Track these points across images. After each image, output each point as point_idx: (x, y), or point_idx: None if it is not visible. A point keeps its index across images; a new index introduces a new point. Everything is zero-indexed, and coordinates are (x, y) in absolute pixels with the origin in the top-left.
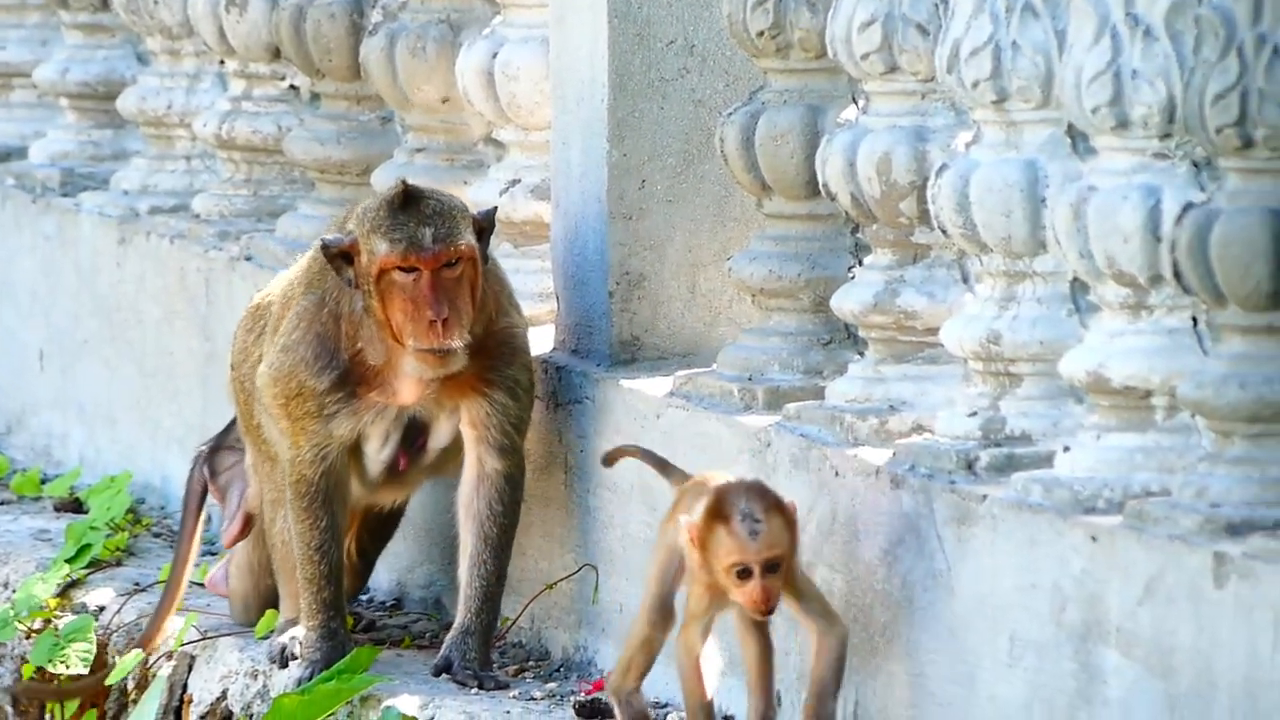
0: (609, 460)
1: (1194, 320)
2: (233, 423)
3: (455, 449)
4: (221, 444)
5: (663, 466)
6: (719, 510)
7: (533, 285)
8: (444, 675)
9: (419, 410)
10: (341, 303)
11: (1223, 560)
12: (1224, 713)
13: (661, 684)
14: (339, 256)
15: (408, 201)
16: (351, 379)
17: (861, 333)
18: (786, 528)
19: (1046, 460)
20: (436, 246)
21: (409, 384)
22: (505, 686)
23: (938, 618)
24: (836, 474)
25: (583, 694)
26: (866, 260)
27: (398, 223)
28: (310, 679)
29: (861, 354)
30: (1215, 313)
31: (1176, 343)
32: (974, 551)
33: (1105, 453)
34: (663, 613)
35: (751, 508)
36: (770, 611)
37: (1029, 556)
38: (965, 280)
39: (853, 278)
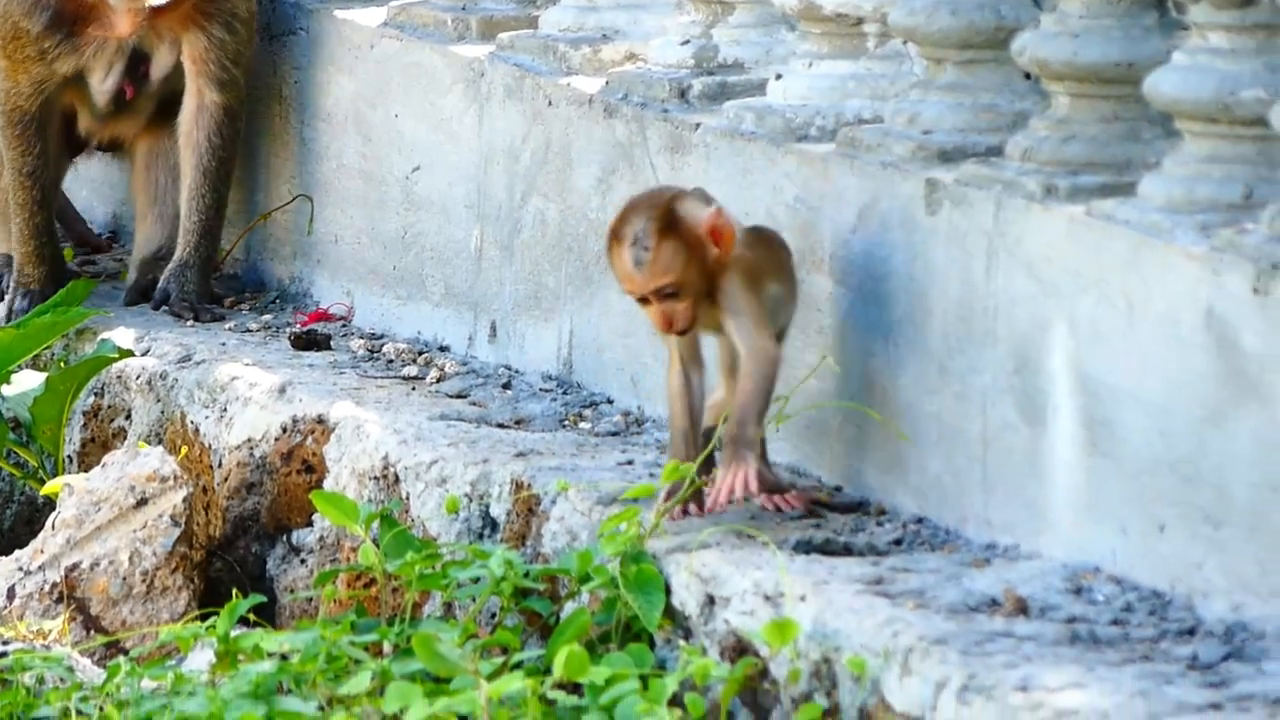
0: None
1: None
2: None
3: (179, 76)
4: None
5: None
6: (616, 232)
7: None
8: (162, 308)
9: (139, 41)
10: None
11: (935, 187)
12: (938, 338)
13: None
14: None
15: None
16: (67, 17)
17: None
18: (683, 250)
19: (759, 88)
20: None
21: (123, 16)
22: (222, 319)
23: None
24: (550, 103)
25: (298, 325)
26: None
27: None
28: (28, 310)
29: None
30: None
31: None
32: (687, 179)
33: (817, 80)
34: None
35: (642, 231)
36: (678, 332)
37: (742, 184)
38: None
39: None
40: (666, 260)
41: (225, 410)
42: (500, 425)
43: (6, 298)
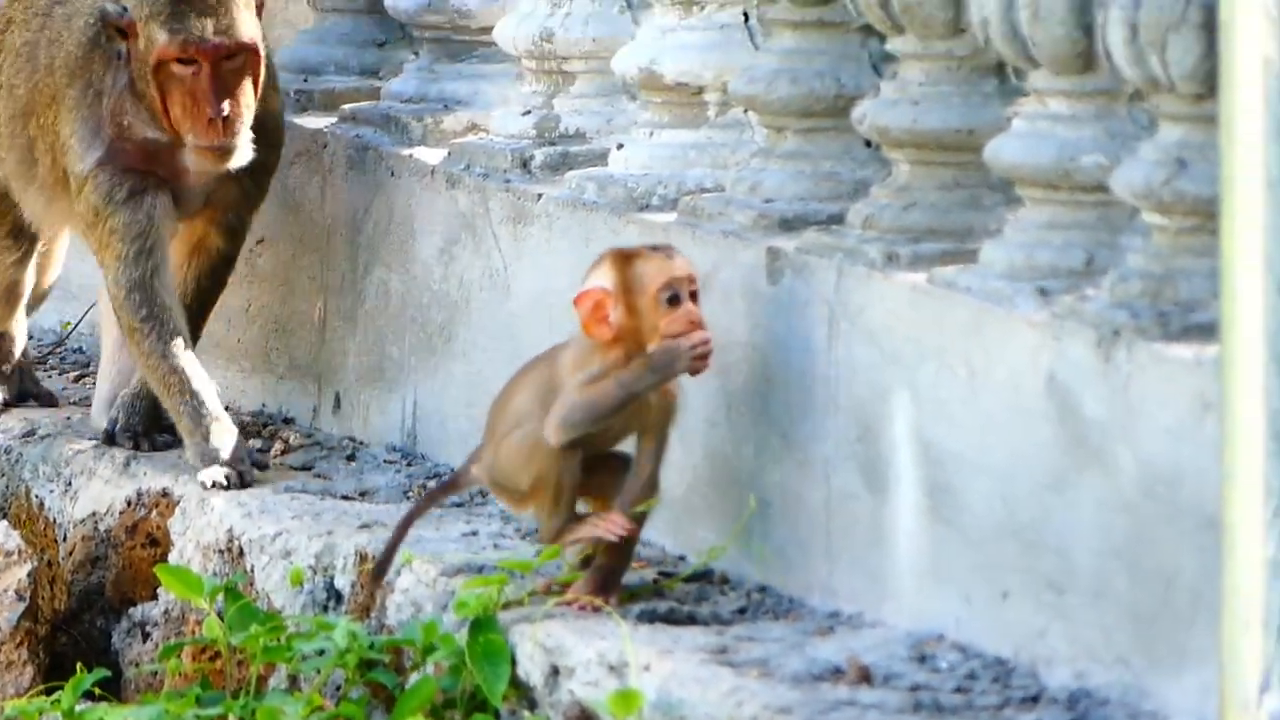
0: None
1: (745, 15)
2: None
3: None
4: None
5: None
6: (626, 255)
7: None
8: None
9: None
10: (105, 82)
11: (777, 255)
12: (781, 407)
13: None
14: (116, 30)
15: None
16: (124, 156)
17: (416, 33)
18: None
19: (601, 158)
20: (218, 39)
21: (187, 174)
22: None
23: (494, 317)
24: (392, 174)
25: None
26: None
27: (178, 11)
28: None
29: (416, 54)
30: (766, 7)
31: (728, 38)
32: (530, 250)
33: (659, 150)
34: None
35: (655, 245)
36: (706, 339)
37: (584, 254)
38: None
39: None
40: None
41: (70, 484)
42: (345, 497)
43: (201, 479)
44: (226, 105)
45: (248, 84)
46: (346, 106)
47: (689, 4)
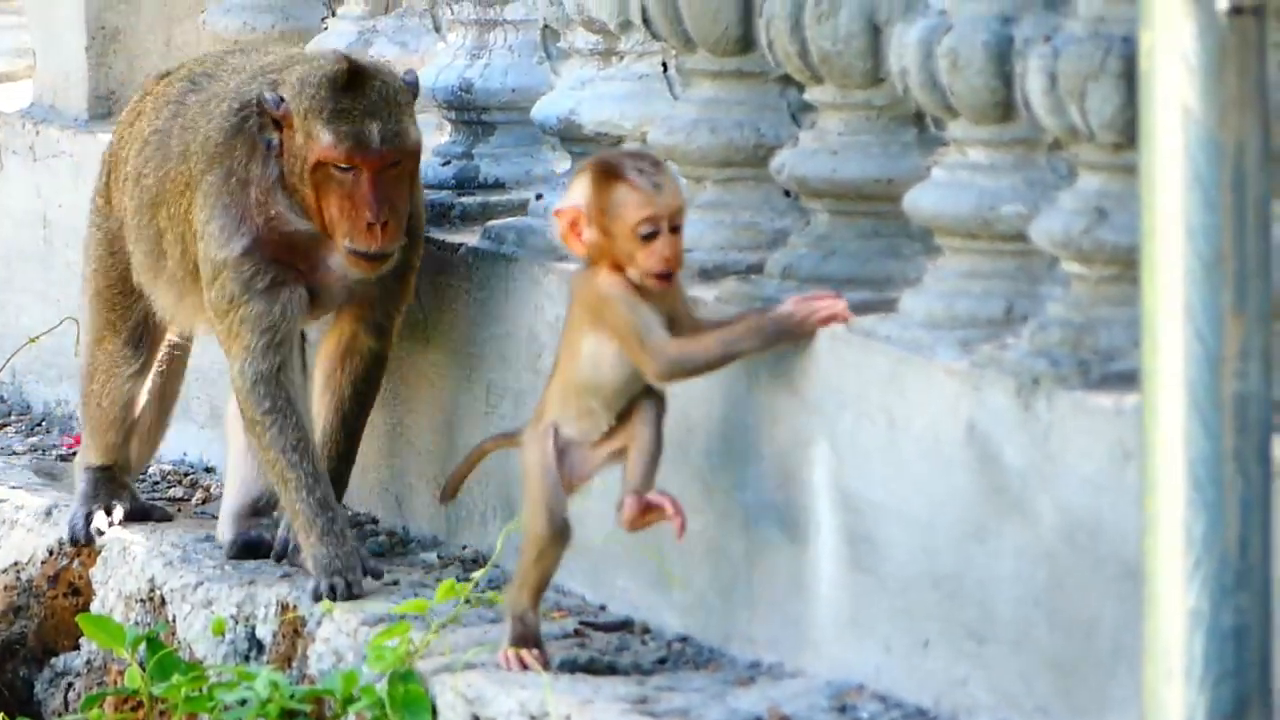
0: (450, 492)
1: (664, 65)
2: None
3: None
4: None
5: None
6: (608, 173)
7: (9, 41)
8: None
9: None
10: (252, 170)
11: (695, 304)
12: (701, 455)
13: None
14: (270, 120)
15: (351, 81)
16: (269, 247)
17: None
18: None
19: (521, 208)
20: (384, 147)
21: (331, 275)
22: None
23: (416, 368)
24: None
25: (64, 447)
26: (340, 10)
27: (341, 110)
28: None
29: None
30: (684, 57)
31: (647, 88)
32: (450, 301)
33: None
34: (556, 518)
35: (644, 164)
36: (677, 268)
37: (506, 305)
38: (437, 29)
39: (325, 28)
40: (677, 187)
41: None
42: None
43: (310, 587)
44: (385, 212)
45: (405, 189)
46: None
47: (608, 54)
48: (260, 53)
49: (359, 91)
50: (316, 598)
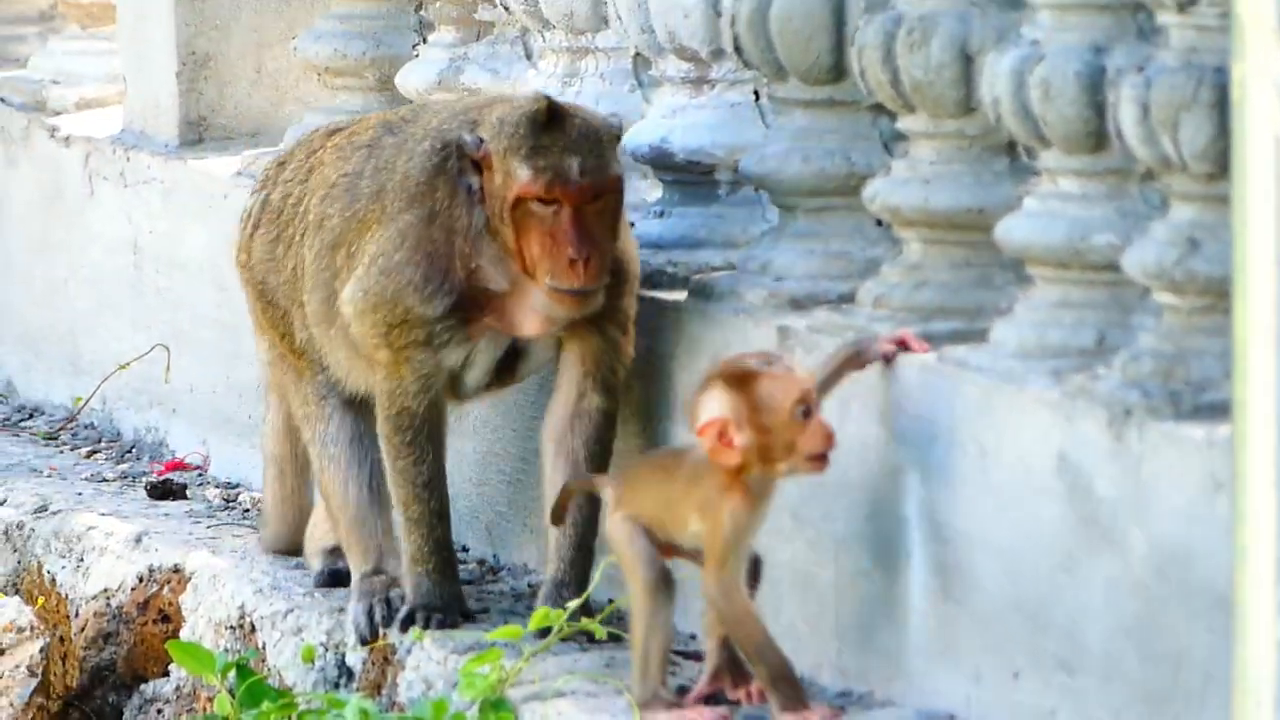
0: (558, 515)
1: (756, 94)
2: None
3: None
4: None
5: (589, 483)
6: (741, 376)
7: (101, 67)
8: None
9: (515, 344)
10: (455, 216)
11: (787, 334)
12: (791, 485)
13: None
14: (470, 162)
15: (551, 119)
16: (466, 304)
17: None
18: None
19: None
20: (585, 180)
21: (534, 319)
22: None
23: (503, 394)
24: None
25: (154, 474)
26: (431, 38)
27: (541, 146)
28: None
29: None
30: (777, 86)
31: (739, 116)
32: None
33: (669, 227)
34: (664, 586)
35: (766, 357)
36: (834, 445)
37: None
38: (529, 57)
39: (417, 55)
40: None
41: (82, 560)
42: None
43: (402, 613)
44: (588, 248)
45: (609, 226)
46: None
47: (699, 82)
48: (461, 96)
49: (559, 129)
50: (406, 625)
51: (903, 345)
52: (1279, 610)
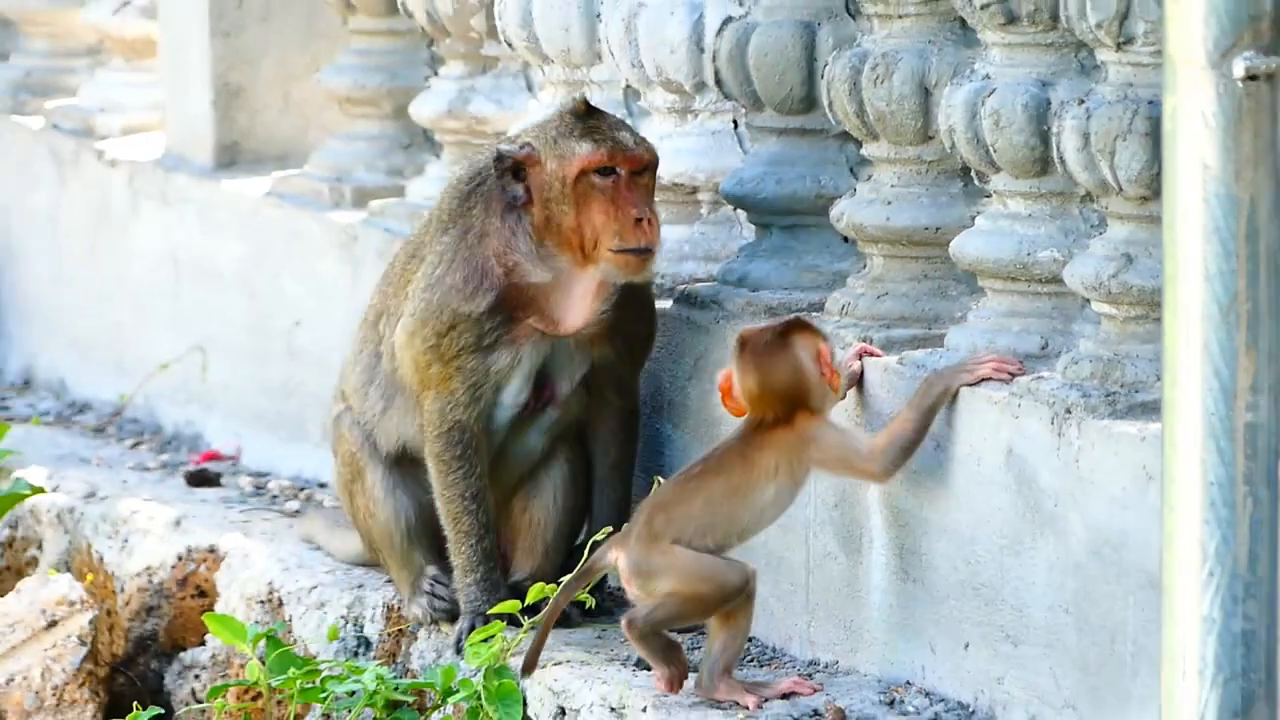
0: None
1: (735, 123)
2: None
3: (576, 402)
4: None
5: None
6: (768, 335)
7: (144, 96)
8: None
9: (549, 358)
10: (491, 225)
11: None
12: None
13: None
14: (509, 170)
15: (590, 109)
16: (508, 303)
17: (438, 137)
18: None
19: None
20: (639, 149)
21: (577, 309)
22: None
23: None
24: None
25: (192, 464)
26: (441, 71)
27: (591, 127)
28: (470, 629)
29: (438, 156)
30: (754, 116)
31: (719, 143)
32: None
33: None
34: (741, 570)
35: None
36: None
37: None
38: (530, 89)
39: (429, 87)
40: None
41: (127, 541)
42: None
43: (458, 628)
44: (649, 209)
45: (653, 199)
46: (375, 203)
47: (684, 112)
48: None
49: (599, 115)
50: (463, 638)
51: (866, 354)
52: (1202, 590)
